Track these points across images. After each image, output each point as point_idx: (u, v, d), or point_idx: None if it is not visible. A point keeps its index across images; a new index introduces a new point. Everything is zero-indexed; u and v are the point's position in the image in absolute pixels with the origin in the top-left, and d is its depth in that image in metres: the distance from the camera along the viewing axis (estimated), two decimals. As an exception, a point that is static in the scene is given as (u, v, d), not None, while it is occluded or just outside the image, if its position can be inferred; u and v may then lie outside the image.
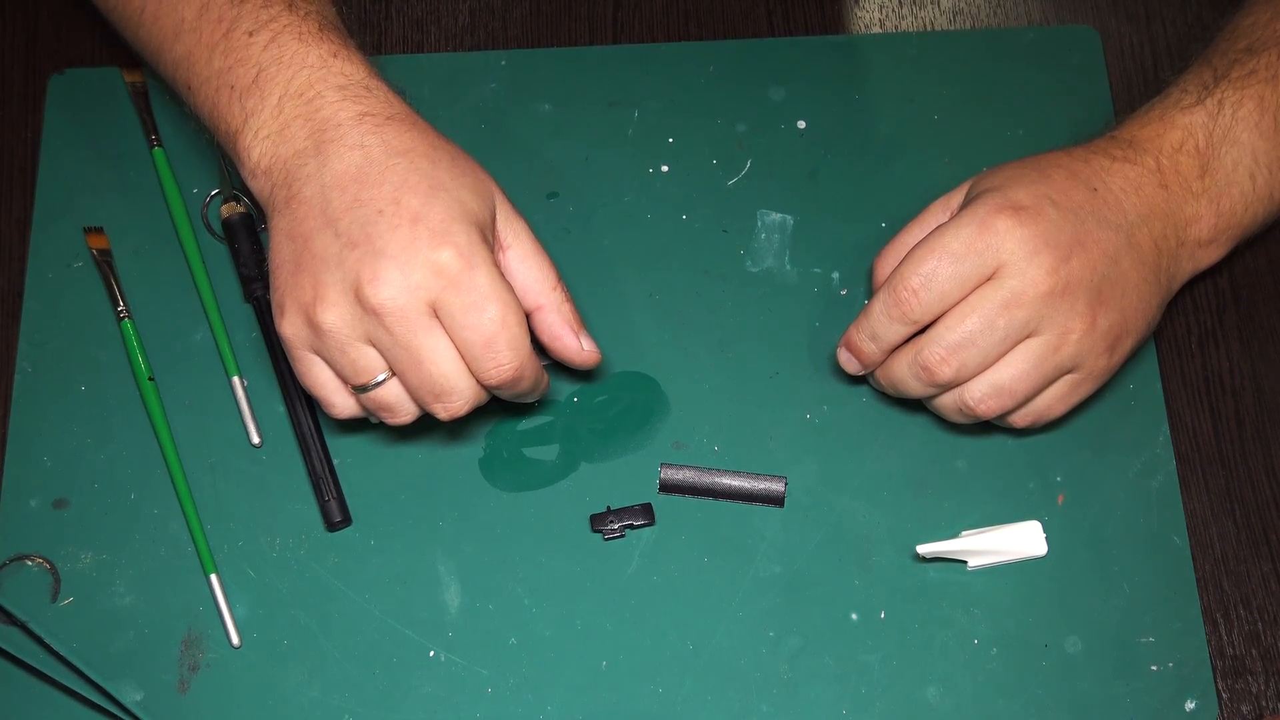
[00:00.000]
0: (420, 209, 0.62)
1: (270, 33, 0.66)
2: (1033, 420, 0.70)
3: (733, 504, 0.73)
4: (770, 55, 0.83)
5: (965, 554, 0.71)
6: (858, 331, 0.70)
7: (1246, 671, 0.71)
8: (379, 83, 0.66)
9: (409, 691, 0.70)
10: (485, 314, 0.62)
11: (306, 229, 0.63)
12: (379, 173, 0.63)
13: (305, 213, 0.64)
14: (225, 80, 0.66)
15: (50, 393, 0.75)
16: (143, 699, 0.70)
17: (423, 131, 0.65)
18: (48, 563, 0.72)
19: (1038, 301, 0.66)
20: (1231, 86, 0.70)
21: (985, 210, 0.67)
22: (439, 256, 0.62)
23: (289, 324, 0.64)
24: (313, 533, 0.73)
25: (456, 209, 0.63)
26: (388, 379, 0.65)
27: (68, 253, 0.78)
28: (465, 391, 0.64)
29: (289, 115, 0.65)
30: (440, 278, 0.62)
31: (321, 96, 0.65)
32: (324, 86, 0.65)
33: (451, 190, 0.64)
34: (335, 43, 0.67)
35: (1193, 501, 0.74)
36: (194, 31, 0.68)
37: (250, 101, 0.66)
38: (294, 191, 0.64)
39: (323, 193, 0.63)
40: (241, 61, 0.66)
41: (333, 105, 0.65)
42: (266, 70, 0.66)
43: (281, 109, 0.65)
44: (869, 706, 0.70)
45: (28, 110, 0.82)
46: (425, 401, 0.65)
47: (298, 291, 0.63)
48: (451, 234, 0.62)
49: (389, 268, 0.62)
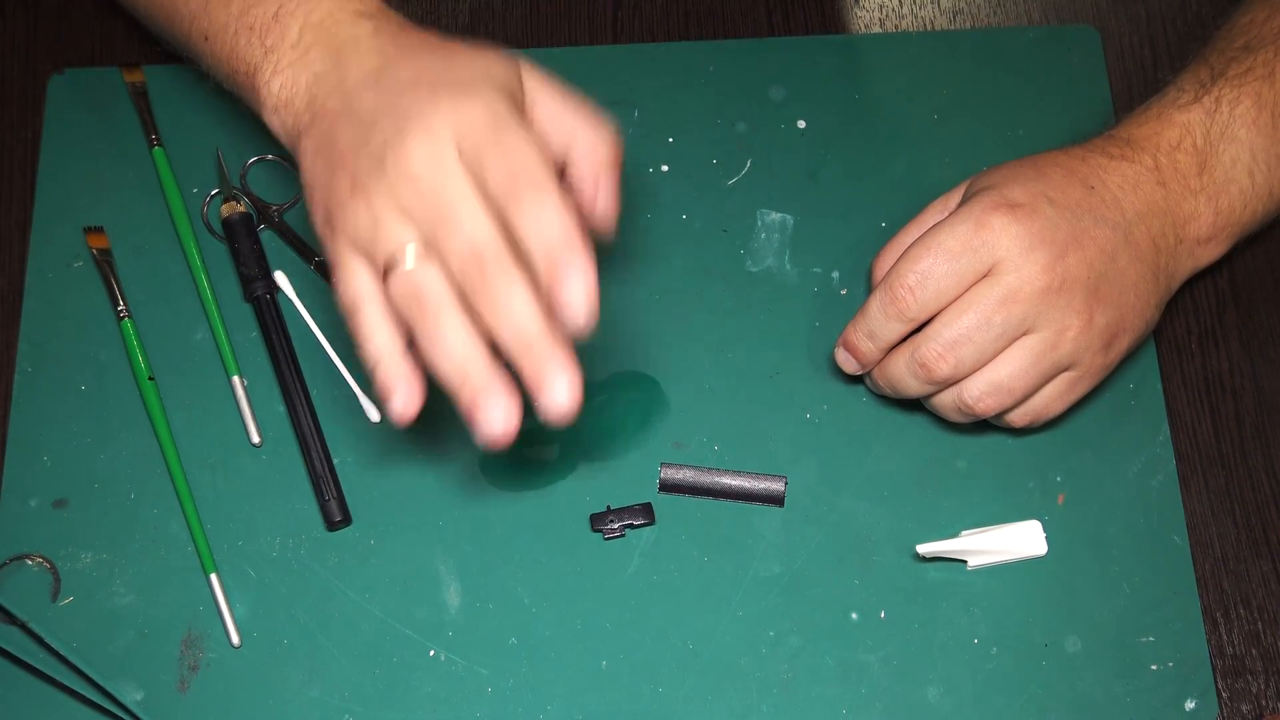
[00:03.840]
0: (440, 78, 0.61)
1: None
2: (1031, 419, 0.70)
3: (733, 504, 0.74)
4: (770, 55, 0.83)
5: (965, 554, 0.71)
6: (855, 330, 0.70)
7: (1246, 671, 0.71)
8: (396, 14, 0.66)
9: (409, 691, 0.70)
10: (515, 156, 0.58)
11: (333, 132, 0.62)
12: (396, 66, 0.62)
13: (332, 124, 0.62)
14: (244, 22, 0.67)
15: (50, 393, 0.75)
16: (143, 699, 0.70)
17: (439, 38, 0.64)
18: (48, 563, 0.72)
19: (1034, 298, 0.66)
20: (1229, 84, 0.70)
21: (981, 208, 0.67)
22: (463, 111, 0.59)
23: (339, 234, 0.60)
24: (313, 533, 0.73)
25: (480, 74, 0.61)
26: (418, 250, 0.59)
27: (68, 253, 0.78)
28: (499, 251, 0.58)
29: (308, 43, 0.65)
30: (468, 129, 0.58)
31: (339, 23, 0.65)
32: (341, 14, 0.65)
33: (474, 66, 0.61)
34: None
35: (1193, 501, 0.74)
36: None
37: (270, 38, 0.66)
38: (317, 108, 0.64)
39: (345, 99, 0.63)
40: (261, 2, 0.67)
41: (349, 27, 0.65)
42: (285, 6, 0.66)
43: (301, 38, 0.65)
44: (869, 706, 0.70)
45: (28, 110, 0.82)
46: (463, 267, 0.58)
47: (337, 194, 0.60)
48: (473, 90, 0.60)
49: (414, 129, 0.59)
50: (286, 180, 0.79)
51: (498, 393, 0.58)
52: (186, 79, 0.80)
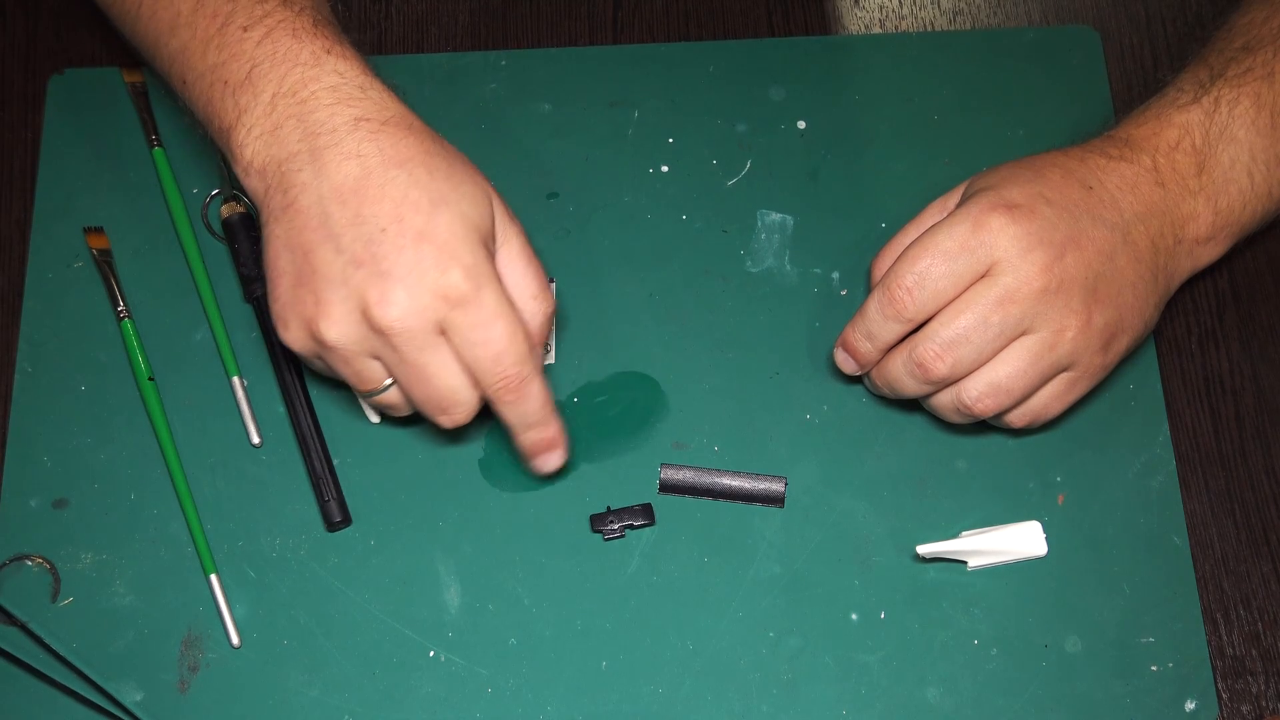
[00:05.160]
0: (424, 226, 0.62)
1: (264, 28, 0.66)
2: (1030, 420, 0.70)
3: (733, 504, 0.73)
4: (770, 55, 0.83)
5: (965, 554, 0.71)
6: (854, 331, 0.70)
7: (1246, 671, 0.71)
8: (373, 81, 0.66)
9: (409, 691, 0.70)
10: (493, 331, 0.63)
11: (306, 241, 0.63)
12: (378, 187, 0.63)
13: (303, 223, 0.63)
14: (219, 75, 0.66)
15: (50, 393, 0.75)
16: (143, 699, 0.70)
17: (419, 136, 0.65)
18: (48, 563, 0.72)
19: (1032, 298, 0.66)
20: (1228, 84, 0.70)
21: (979, 208, 0.67)
22: (447, 278, 0.62)
23: (293, 336, 0.64)
24: (313, 533, 0.73)
25: (460, 224, 0.63)
26: (392, 385, 0.66)
27: (68, 253, 0.78)
28: (469, 403, 0.65)
29: (281, 114, 0.64)
30: (448, 299, 0.62)
31: (315, 97, 0.64)
32: (317, 86, 0.65)
33: (453, 203, 0.63)
34: (329, 39, 0.66)
35: (1193, 501, 0.74)
36: (189, 26, 0.68)
37: (243, 98, 0.65)
38: (290, 199, 0.64)
39: (321, 204, 0.63)
40: (235, 56, 0.66)
41: (327, 108, 0.64)
42: (260, 66, 0.65)
43: (274, 107, 0.65)
44: (869, 706, 0.70)
45: (28, 110, 0.82)
46: (430, 413, 0.66)
47: (300, 306, 0.63)
48: (458, 253, 0.63)
49: (396, 289, 0.62)
50: (286, 180, 0.79)
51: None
52: (186, 79, 0.80)
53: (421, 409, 0.66)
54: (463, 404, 0.65)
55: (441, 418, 0.66)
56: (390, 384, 0.66)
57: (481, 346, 0.63)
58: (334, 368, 0.65)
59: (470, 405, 0.65)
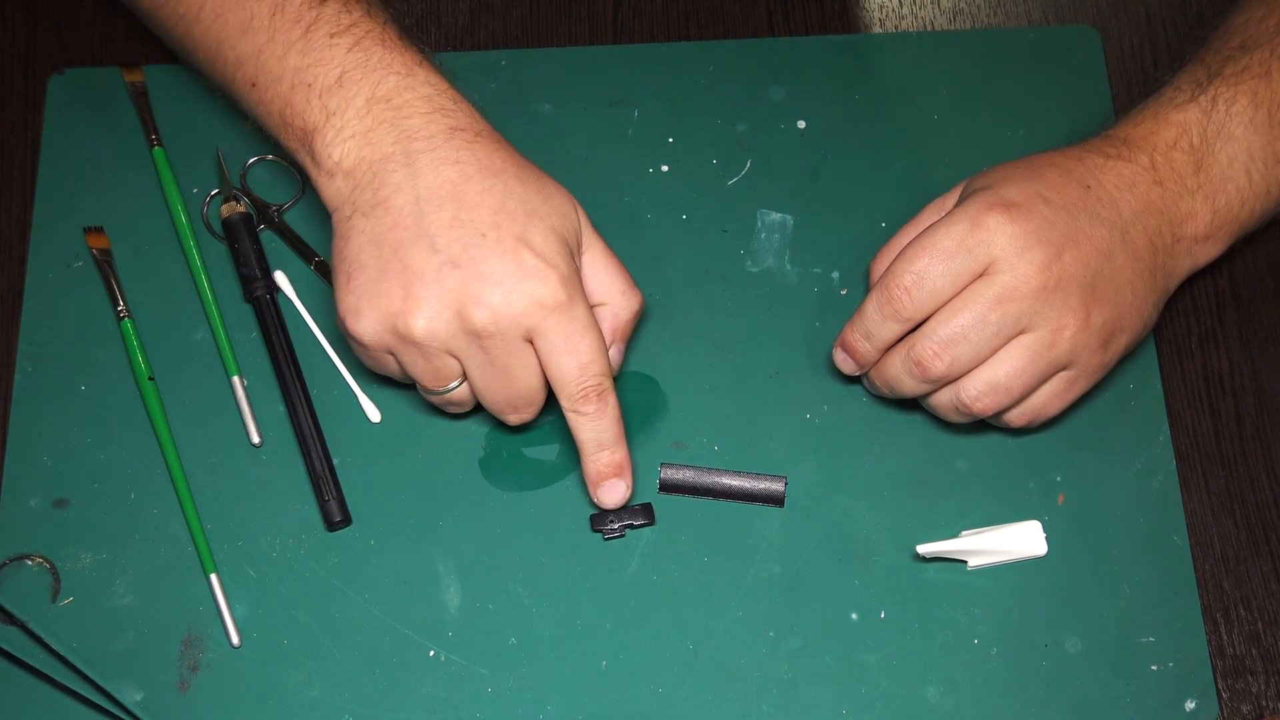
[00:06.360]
0: (522, 234, 0.64)
1: (353, 36, 0.67)
2: (1029, 419, 0.70)
3: (733, 504, 0.73)
4: (770, 55, 0.83)
5: (965, 554, 0.71)
6: (852, 331, 0.70)
7: (1246, 671, 0.71)
8: (460, 96, 0.68)
9: (409, 691, 0.70)
10: (584, 341, 0.65)
11: (397, 238, 0.64)
12: (477, 194, 0.65)
13: (396, 221, 0.65)
14: (302, 78, 0.67)
15: (50, 393, 0.75)
16: (143, 699, 0.70)
17: (509, 151, 0.67)
18: (48, 563, 0.72)
19: (1030, 297, 0.66)
20: (1225, 83, 0.70)
21: (976, 208, 0.67)
22: (545, 286, 0.64)
23: (366, 327, 0.65)
24: (313, 533, 0.73)
25: (552, 235, 0.65)
26: (462, 384, 0.67)
27: (68, 253, 0.78)
28: (539, 403, 0.68)
29: (376, 118, 0.66)
30: (543, 306, 0.64)
31: (410, 105, 0.66)
32: (412, 95, 0.66)
33: (544, 215, 0.66)
34: (417, 53, 0.68)
35: (1193, 501, 0.74)
36: (266, 30, 0.69)
37: (333, 101, 0.67)
38: (382, 197, 0.65)
39: (416, 204, 0.64)
40: (322, 61, 0.67)
41: (422, 116, 0.66)
42: (351, 73, 0.67)
43: (369, 110, 0.66)
44: (869, 706, 0.70)
45: (28, 110, 0.82)
46: (501, 411, 0.68)
47: (383, 299, 0.64)
48: (555, 262, 0.65)
49: (495, 292, 0.64)
50: (287, 180, 0.79)
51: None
52: (186, 79, 0.80)
53: (491, 407, 0.68)
54: (536, 404, 0.68)
55: (511, 415, 0.68)
56: (460, 383, 0.67)
57: (570, 355, 0.65)
58: (407, 363, 0.66)
59: (539, 405, 0.68)
